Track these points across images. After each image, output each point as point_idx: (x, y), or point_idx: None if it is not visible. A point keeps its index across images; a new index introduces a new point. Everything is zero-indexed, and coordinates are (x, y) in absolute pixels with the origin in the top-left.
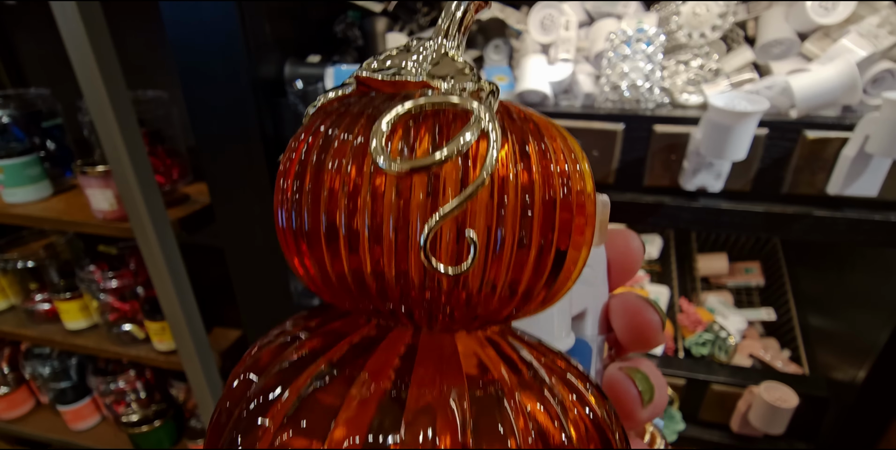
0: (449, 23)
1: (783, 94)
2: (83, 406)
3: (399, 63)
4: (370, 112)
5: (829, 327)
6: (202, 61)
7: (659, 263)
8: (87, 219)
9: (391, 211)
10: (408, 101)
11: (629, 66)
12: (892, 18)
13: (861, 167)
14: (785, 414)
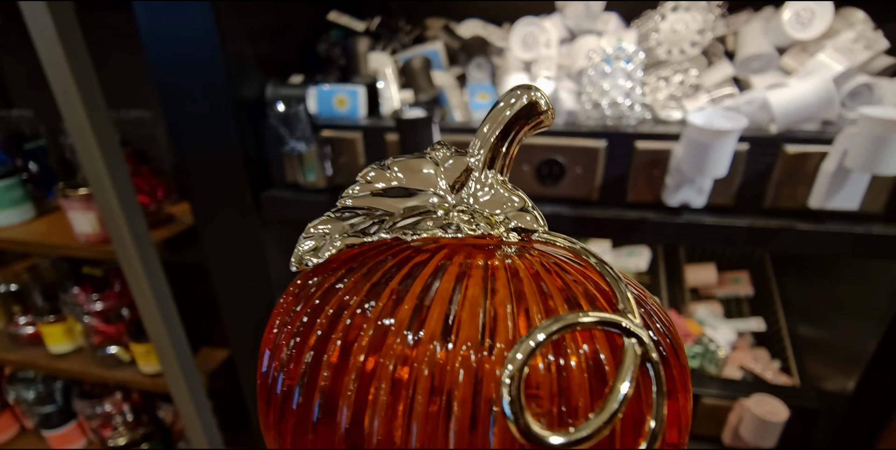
0: (500, 135)
1: (763, 109)
2: (69, 430)
3: (415, 181)
4: (399, 289)
5: (818, 337)
6: (182, 82)
7: (648, 275)
8: (70, 242)
9: (422, 414)
10: (530, 341)
11: (609, 84)
12: (866, 33)
13: (841, 181)
14: (775, 428)
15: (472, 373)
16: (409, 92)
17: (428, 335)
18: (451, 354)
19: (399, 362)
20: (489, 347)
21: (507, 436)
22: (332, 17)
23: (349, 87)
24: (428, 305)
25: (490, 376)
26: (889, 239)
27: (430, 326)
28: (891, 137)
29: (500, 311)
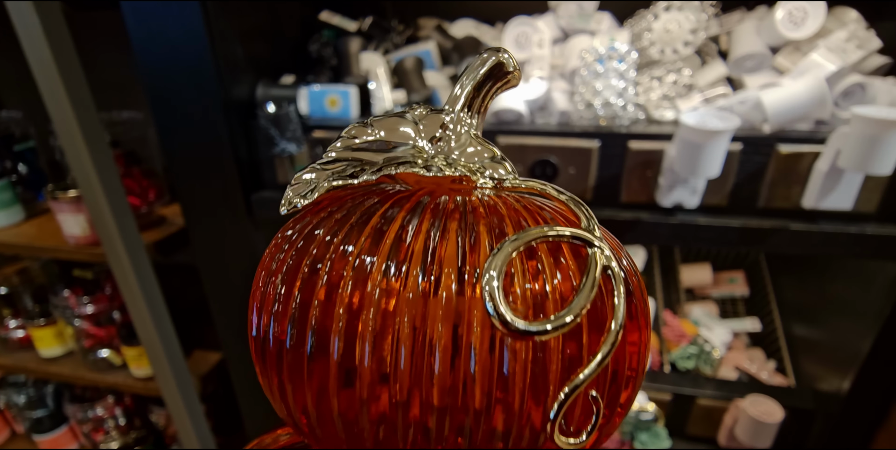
0: (471, 92)
1: (756, 108)
2: (60, 435)
3: (396, 136)
4: (379, 225)
5: (813, 337)
6: (172, 83)
7: (643, 276)
8: (60, 244)
9: (409, 342)
10: (511, 244)
11: (602, 84)
12: (859, 33)
13: (834, 181)
14: (770, 428)
15: (452, 299)
16: (401, 92)
17: (410, 267)
18: (433, 283)
19: (384, 295)
20: (469, 273)
21: (485, 358)
22: (324, 17)
23: (341, 88)
24: (408, 240)
25: (471, 301)
26: (883, 239)
27: (411, 259)
28: (883, 137)
29: (479, 241)
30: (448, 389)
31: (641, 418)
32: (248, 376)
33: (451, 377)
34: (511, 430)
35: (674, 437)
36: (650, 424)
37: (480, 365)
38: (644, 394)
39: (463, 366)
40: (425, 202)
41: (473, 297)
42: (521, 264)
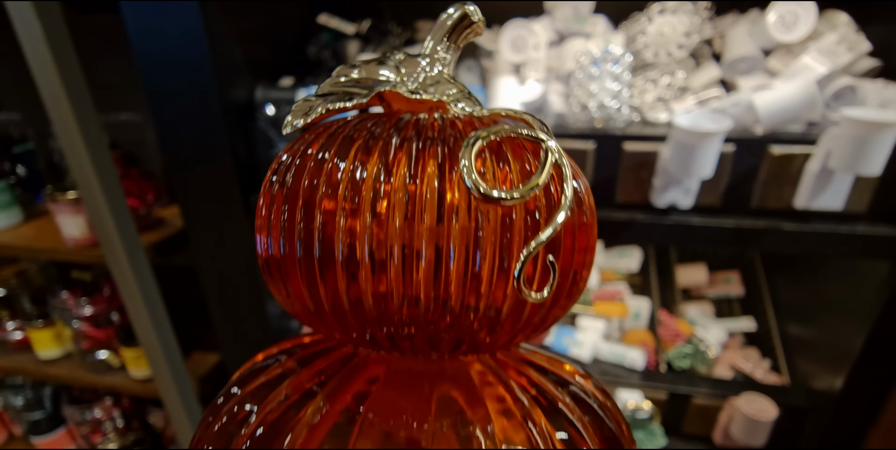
0: (442, 35)
1: (748, 110)
2: (58, 437)
3: (379, 76)
4: (368, 138)
5: (807, 336)
6: (171, 85)
7: (639, 276)
8: (59, 246)
9: (399, 238)
10: (483, 132)
11: (597, 87)
12: (849, 36)
13: (825, 181)
14: (764, 426)
15: (435, 190)
16: None
17: (397, 171)
18: (419, 184)
19: (378, 198)
20: (448, 169)
21: (464, 227)
22: (323, 19)
23: None
24: (393, 149)
25: (451, 188)
26: (873, 238)
27: (399, 164)
28: (872, 138)
29: (458, 144)
30: (433, 268)
31: (637, 416)
32: None
33: (435, 265)
34: (480, 305)
35: (670, 435)
36: (646, 422)
37: (460, 231)
38: (640, 393)
39: (446, 231)
40: (407, 119)
41: (453, 184)
42: (492, 165)
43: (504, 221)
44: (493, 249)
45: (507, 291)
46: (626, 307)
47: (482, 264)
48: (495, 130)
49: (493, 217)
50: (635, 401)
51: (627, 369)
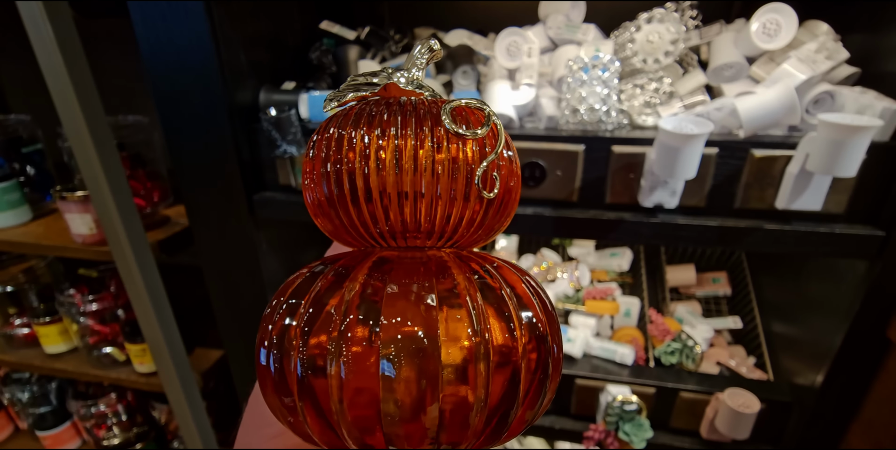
0: (418, 62)
1: (732, 115)
2: (63, 431)
3: (383, 78)
4: (372, 113)
5: (790, 334)
6: (178, 88)
7: (630, 275)
8: (67, 243)
9: (392, 176)
10: (453, 101)
11: (586, 91)
12: (828, 44)
13: (804, 183)
14: (748, 419)
15: (412, 145)
16: None
17: (390, 132)
18: (406, 137)
19: (379, 148)
20: (426, 128)
21: (443, 149)
22: (325, 26)
23: None
24: (387, 117)
25: (422, 145)
26: (850, 238)
27: (391, 125)
28: (847, 142)
29: (427, 119)
30: (413, 200)
31: (626, 408)
32: (248, 373)
33: (422, 180)
34: (447, 219)
35: (659, 430)
36: (633, 415)
37: (428, 177)
38: (628, 387)
39: (428, 167)
40: (397, 100)
41: (423, 142)
42: (458, 120)
43: (450, 169)
44: (447, 187)
45: (461, 211)
46: (617, 305)
47: (441, 196)
48: (458, 101)
49: (445, 166)
50: (623, 395)
51: (617, 365)
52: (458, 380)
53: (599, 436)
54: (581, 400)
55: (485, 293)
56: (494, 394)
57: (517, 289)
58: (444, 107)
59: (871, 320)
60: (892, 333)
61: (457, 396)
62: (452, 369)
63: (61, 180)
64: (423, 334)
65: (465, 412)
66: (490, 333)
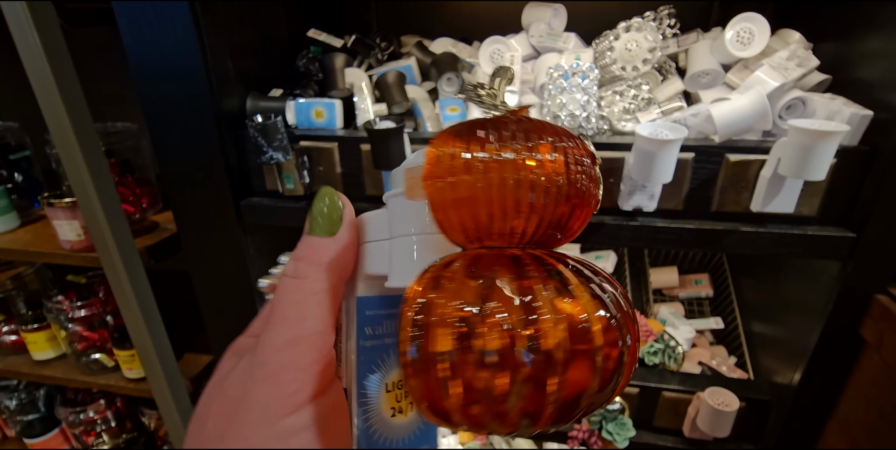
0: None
1: (707, 121)
2: (51, 438)
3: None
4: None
5: (769, 333)
6: (165, 95)
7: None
8: (55, 249)
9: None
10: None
11: (566, 98)
12: (799, 52)
13: (777, 187)
14: (728, 417)
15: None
16: (384, 105)
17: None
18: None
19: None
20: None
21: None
22: (312, 34)
23: (326, 100)
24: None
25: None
26: (823, 239)
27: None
28: (816, 146)
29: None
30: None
31: (609, 408)
32: None
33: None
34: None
35: (642, 429)
36: (616, 414)
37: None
38: None
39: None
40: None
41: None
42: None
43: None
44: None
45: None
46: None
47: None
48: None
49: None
50: None
51: None
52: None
53: (584, 435)
54: None
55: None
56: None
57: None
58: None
59: (845, 320)
60: (866, 332)
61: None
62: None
63: (49, 187)
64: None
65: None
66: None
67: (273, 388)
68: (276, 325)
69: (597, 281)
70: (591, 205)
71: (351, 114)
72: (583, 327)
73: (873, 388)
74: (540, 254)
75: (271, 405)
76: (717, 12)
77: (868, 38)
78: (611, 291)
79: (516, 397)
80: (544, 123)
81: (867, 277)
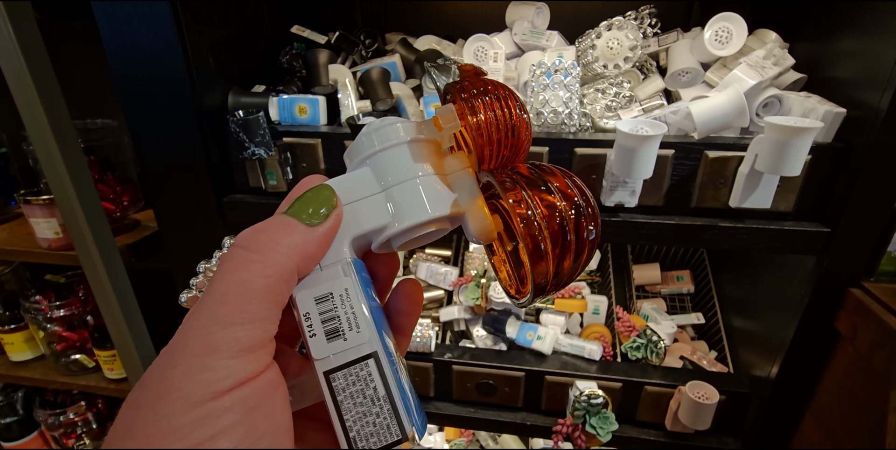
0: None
1: (686, 118)
2: (30, 441)
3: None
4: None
5: (748, 328)
6: (145, 91)
7: (598, 274)
8: (32, 248)
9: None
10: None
11: (549, 95)
12: (775, 51)
13: (755, 183)
14: (709, 410)
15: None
16: (368, 102)
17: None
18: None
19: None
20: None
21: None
22: (295, 30)
23: (310, 96)
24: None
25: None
26: (799, 234)
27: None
28: (791, 142)
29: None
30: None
31: (592, 402)
32: None
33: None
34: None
35: (625, 423)
36: (600, 408)
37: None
38: (595, 382)
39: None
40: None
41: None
42: None
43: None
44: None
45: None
46: (586, 303)
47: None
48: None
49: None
50: (590, 388)
51: (586, 361)
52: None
53: (567, 430)
54: (551, 396)
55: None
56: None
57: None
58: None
59: (821, 313)
60: (840, 325)
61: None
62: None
63: (27, 184)
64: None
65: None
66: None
67: (193, 375)
68: (210, 305)
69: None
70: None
71: (335, 110)
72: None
73: (848, 379)
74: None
75: (192, 395)
76: (698, 12)
77: (842, 39)
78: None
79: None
80: (492, 82)
81: (842, 272)
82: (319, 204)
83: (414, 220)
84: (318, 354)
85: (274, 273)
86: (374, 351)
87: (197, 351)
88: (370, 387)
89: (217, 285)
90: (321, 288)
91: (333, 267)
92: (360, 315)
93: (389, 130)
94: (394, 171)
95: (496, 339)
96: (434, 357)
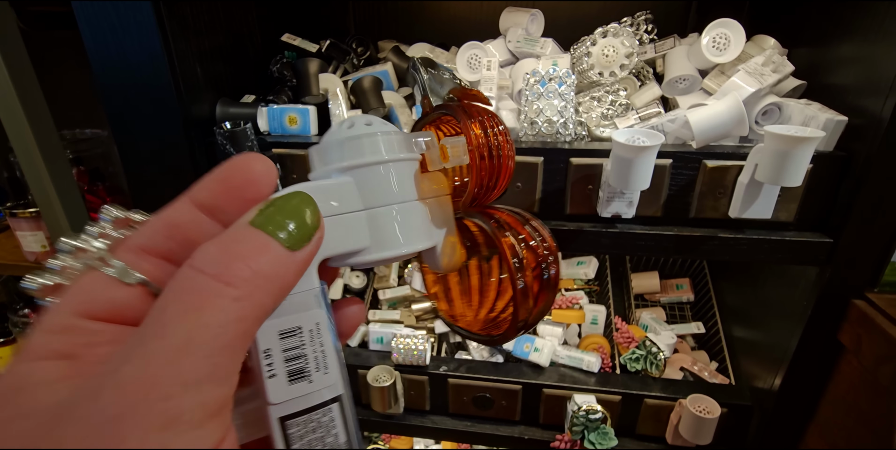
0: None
1: (685, 126)
2: None
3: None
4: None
5: (750, 338)
6: (132, 102)
7: (596, 283)
8: (19, 261)
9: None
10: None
11: (543, 104)
12: (774, 58)
13: (755, 193)
14: (710, 424)
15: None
16: (359, 111)
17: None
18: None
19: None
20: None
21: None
22: (286, 38)
23: (300, 106)
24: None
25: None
26: (800, 244)
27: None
28: (792, 152)
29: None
30: None
31: (591, 417)
32: None
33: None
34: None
35: (625, 437)
36: (598, 423)
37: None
38: (594, 396)
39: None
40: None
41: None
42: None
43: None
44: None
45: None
46: (584, 314)
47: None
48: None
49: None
50: (588, 403)
51: (585, 373)
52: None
53: (566, 446)
54: (549, 409)
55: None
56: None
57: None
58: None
59: (824, 325)
60: (844, 337)
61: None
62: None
63: (15, 196)
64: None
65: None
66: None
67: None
68: (168, 353)
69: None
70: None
71: (326, 120)
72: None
73: (852, 393)
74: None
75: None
76: (695, 18)
77: (842, 44)
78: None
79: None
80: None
81: (845, 283)
82: (301, 221)
83: (395, 251)
84: (275, 398)
85: (251, 315)
86: (340, 394)
87: (152, 424)
88: (331, 434)
89: (177, 326)
90: (288, 321)
91: (304, 296)
92: (330, 353)
93: (382, 142)
94: (381, 191)
95: (493, 351)
96: (429, 370)
